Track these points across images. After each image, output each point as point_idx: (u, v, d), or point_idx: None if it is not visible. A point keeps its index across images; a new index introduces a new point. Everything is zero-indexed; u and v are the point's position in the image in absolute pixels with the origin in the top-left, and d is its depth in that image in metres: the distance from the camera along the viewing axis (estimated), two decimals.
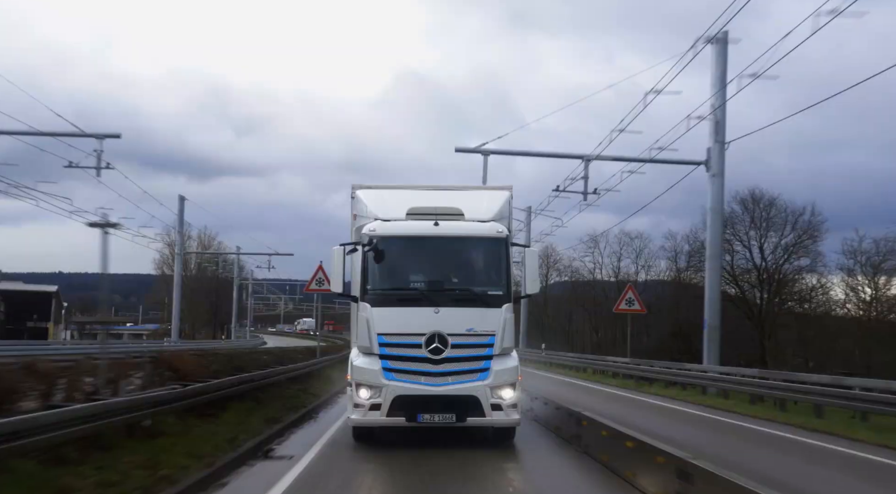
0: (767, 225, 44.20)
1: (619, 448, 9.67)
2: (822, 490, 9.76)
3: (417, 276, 11.99)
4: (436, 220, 11.72)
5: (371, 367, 11.29)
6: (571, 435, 12.21)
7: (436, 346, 11.13)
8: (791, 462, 11.72)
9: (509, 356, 11.65)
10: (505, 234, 11.90)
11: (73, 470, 8.14)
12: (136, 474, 8.38)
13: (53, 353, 26.19)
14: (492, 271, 11.94)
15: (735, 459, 10.43)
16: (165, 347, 37.39)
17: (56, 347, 36.90)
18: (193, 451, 9.99)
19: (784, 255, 44.21)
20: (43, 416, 8.42)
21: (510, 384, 11.43)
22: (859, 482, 10.42)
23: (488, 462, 10.64)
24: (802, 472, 10.76)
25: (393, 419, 11.18)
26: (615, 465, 9.73)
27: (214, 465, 9.47)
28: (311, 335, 72.66)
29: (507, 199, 12.89)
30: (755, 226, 44.48)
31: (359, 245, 11.76)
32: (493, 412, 11.24)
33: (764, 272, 44.23)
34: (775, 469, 10.38)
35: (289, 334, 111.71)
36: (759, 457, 11.66)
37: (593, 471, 10.15)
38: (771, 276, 44.22)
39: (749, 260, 44.89)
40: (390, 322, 11.35)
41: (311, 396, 19.04)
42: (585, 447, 11.31)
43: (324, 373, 25.02)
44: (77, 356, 17.98)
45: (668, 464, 7.86)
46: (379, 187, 13.27)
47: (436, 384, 11.16)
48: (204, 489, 8.58)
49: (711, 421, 16.83)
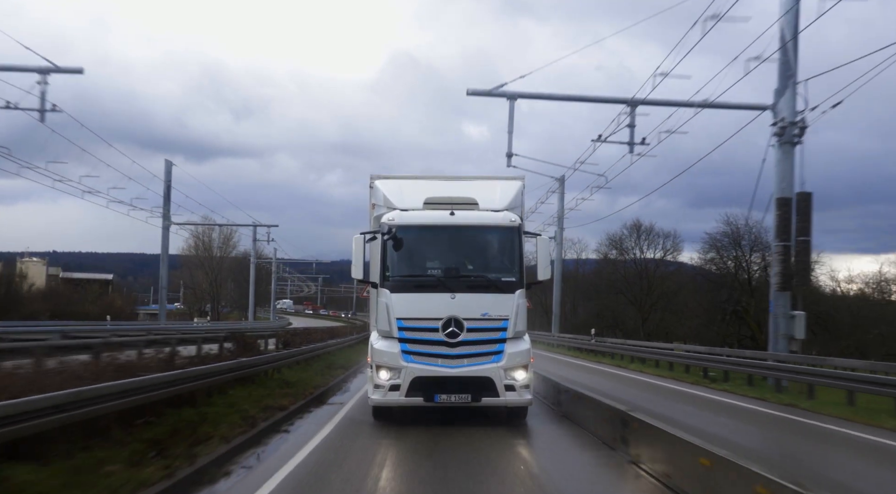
0: None
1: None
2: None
3: (434, 263, 12.51)
4: (451, 209, 12.26)
5: (390, 350, 11.89)
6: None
7: (452, 330, 11.71)
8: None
9: (522, 339, 12.19)
10: (517, 223, 12.39)
11: (232, 397, 13.85)
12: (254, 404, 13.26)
13: (175, 329, 31.52)
14: (505, 259, 12.45)
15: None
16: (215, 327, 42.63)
17: (168, 325, 41.71)
18: (289, 391, 15.65)
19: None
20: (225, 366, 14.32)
21: (523, 366, 11.98)
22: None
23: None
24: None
25: (411, 400, 11.80)
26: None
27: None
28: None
29: (520, 189, 13.38)
30: None
31: (378, 234, 12.33)
32: (506, 392, 11.82)
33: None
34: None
35: (309, 315, 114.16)
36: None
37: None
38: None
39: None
40: (409, 307, 11.92)
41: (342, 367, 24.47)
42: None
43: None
44: (191, 333, 25.16)
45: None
46: (396, 178, 13.79)
47: (452, 367, 11.75)
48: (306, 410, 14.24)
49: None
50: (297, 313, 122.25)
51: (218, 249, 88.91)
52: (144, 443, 9.04)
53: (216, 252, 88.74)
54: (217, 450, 9.38)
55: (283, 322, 73.50)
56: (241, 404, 13.11)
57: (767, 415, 15.38)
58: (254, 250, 68.13)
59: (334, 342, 31.87)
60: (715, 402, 17.53)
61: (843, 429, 13.29)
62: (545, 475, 9.06)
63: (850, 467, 10.33)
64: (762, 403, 17.17)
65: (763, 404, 17.03)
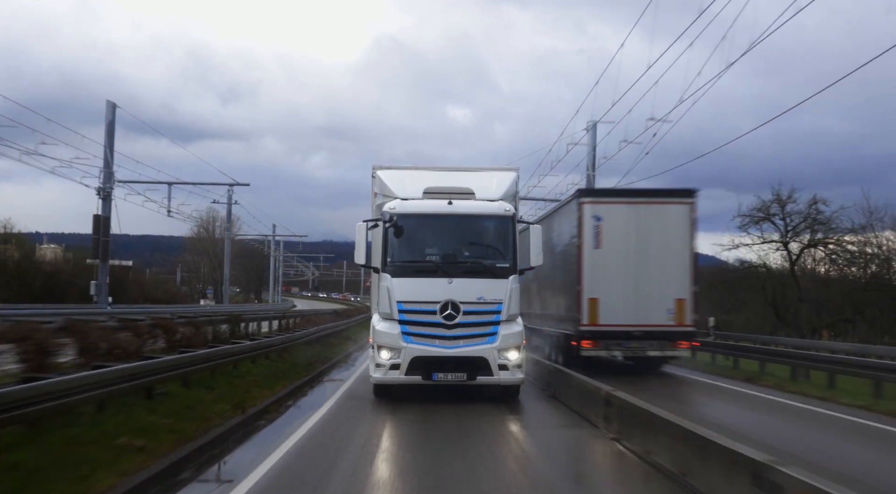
0: None
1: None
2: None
3: (433, 250, 13.25)
4: (449, 199, 12.98)
5: (391, 331, 12.65)
6: None
7: (449, 312, 12.47)
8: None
9: (515, 321, 12.95)
10: (512, 212, 13.12)
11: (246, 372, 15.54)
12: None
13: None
14: (500, 246, 13.17)
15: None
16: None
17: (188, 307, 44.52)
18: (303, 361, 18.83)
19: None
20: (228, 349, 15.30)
21: (515, 347, 12.75)
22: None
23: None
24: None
25: (410, 378, 12.58)
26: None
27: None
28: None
29: (514, 179, 14.13)
30: None
31: (380, 221, 13.05)
32: (500, 371, 12.59)
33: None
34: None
35: (310, 298, 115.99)
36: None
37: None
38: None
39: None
40: (409, 291, 12.68)
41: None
42: None
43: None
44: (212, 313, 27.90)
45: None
46: (398, 168, 14.52)
47: (449, 347, 12.52)
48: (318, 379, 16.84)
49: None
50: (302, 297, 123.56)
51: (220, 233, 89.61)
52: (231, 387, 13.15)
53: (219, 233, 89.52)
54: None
55: (288, 305, 74.47)
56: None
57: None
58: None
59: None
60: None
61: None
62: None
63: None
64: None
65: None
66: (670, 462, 7.87)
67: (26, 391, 7.57)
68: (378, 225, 13.10)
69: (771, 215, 39.25)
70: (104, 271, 32.75)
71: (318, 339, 24.94)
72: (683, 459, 7.54)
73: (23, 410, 7.44)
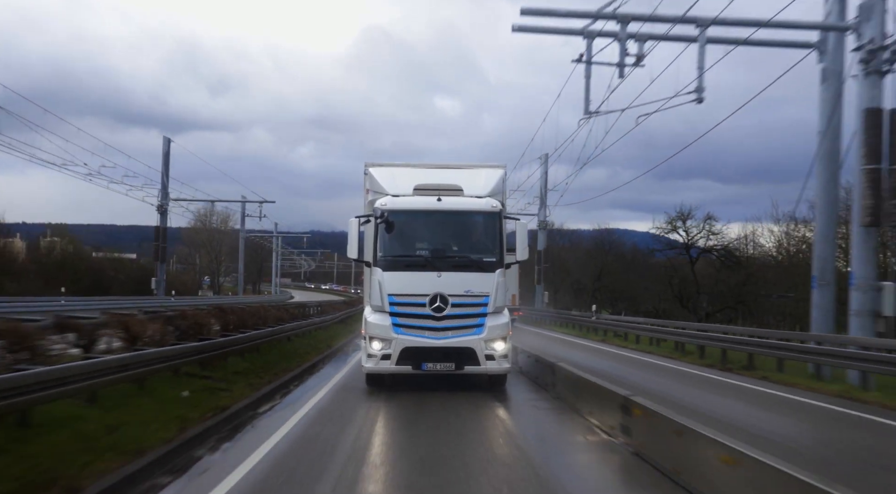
0: None
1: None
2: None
3: (423, 244, 13.75)
4: (439, 196, 13.47)
5: (382, 323, 13.16)
6: None
7: (438, 305, 12.97)
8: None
9: (501, 314, 13.46)
10: (499, 208, 13.60)
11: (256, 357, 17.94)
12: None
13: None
14: (487, 241, 13.66)
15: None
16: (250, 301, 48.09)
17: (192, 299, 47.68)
18: (313, 346, 22.52)
19: None
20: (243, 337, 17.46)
21: (502, 338, 13.26)
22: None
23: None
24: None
25: (401, 367, 13.10)
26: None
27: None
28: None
29: (502, 176, 14.60)
30: None
31: (372, 217, 13.53)
32: (487, 361, 13.11)
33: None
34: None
35: (313, 289, 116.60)
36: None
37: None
38: None
39: None
40: (399, 284, 13.18)
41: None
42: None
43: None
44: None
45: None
46: (389, 165, 14.97)
47: (438, 338, 13.03)
48: (322, 363, 19.56)
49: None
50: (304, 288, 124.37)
51: (218, 226, 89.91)
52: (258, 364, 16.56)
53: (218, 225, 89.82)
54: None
55: (286, 296, 75.00)
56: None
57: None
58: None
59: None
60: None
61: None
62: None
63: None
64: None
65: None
66: (582, 406, 11.33)
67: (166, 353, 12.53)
68: (370, 221, 13.57)
69: (676, 228, 53.30)
70: (162, 270, 43.60)
71: (341, 320, 36.76)
72: (585, 402, 11.13)
73: (171, 362, 12.42)
